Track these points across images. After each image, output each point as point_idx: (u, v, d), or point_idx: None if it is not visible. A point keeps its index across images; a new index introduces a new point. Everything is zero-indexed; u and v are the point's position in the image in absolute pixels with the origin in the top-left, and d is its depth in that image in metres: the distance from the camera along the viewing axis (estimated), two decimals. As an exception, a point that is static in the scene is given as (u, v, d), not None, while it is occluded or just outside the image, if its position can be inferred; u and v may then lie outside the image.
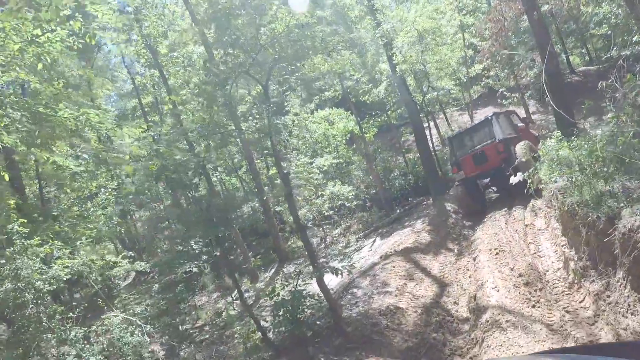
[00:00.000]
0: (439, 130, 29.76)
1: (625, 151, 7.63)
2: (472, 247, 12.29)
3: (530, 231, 11.83)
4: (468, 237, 13.63)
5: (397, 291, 10.13)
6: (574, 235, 9.18)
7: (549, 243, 10.95)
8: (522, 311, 7.77)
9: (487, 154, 14.65)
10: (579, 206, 8.50)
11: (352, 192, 20.46)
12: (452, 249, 13.09)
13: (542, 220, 12.31)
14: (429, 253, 12.60)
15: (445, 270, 11.57)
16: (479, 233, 12.84)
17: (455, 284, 10.75)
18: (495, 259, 10.34)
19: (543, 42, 13.77)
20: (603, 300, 7.45)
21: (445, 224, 15.07)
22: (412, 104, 20.13)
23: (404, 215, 18.63)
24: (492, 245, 11.09)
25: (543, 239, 11.22)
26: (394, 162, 27.50)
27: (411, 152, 28.64)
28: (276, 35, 10.42)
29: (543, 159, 13.19)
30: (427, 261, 12.06)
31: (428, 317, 9.16)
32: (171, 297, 16.96)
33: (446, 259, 12.30)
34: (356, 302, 10.10)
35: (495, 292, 8.63)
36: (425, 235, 13.92)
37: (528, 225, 12.29)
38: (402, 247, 13.09)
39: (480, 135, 15.11)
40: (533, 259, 10.07)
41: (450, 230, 14.60)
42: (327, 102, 28.13)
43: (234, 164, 25.48)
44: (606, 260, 7.78)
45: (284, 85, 10.84)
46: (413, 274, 11.20)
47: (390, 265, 11.67)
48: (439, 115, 31.56)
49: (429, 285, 10.69)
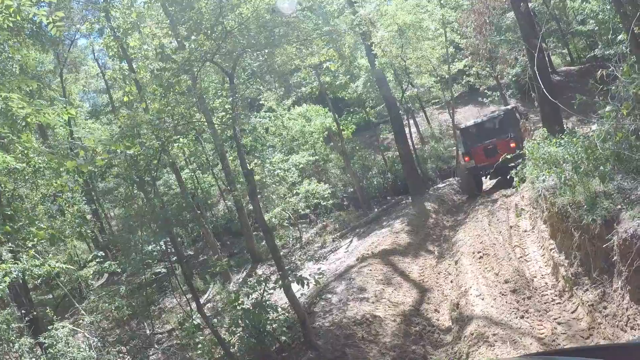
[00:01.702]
0: (418, 129, 29.23)
1: (624, 148, 6.99)
2: (453, 250, 11.61)
3: (515, 233, 11.21)
4: (449, 239, 12.95)
5: (374, 297, 9.37)
6: (564, 238, 8.54)
7: (535, 246, 10.32)
8: (510, 322, 7.06)
9: (498, 148, 15.13)
10: (572, 207, 7.84)
11: (329, 191, 19.71)
12: (432, 251, 12.41)
13: (528, 222, 11.70)
14: (408, 255, 11.88)
15: (425, 274, 10.86)
16: (460, 234, 12.17)
17: (436, 289, 10.05)
18: (478, 263, 9.66)
19: (529, 36, 13.16)
20: (599, 311, 6.79)
21: (425, 225, 14.41)
22: (391, 99, 19.43)
23: (382, 215, 17.93)
24: (475, 248, 10.41)
25: (529, 242, 10.60)
26: (373, 160, 26.90)
27: (390, 151, 28.06)
28: (244, 20, 9.56)
29: (528, 157, 12.63)
30: (406, 264, 11.33)
31: (407, 327, 8.41)
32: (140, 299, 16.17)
33: (426, 262, 11.60)
34: (330, 309, 9.31)
35: (480, 300, 7.92)
36: (404, 237, 13.20)
37: (513, 226, 11.66)
38: (380, 248, 12.34)
39: (493, 129, 15.91)
40: (519, 263, 9.41)
41: (430, 231, 13.94)
42: (304, 99, 27.37)
43: (209, 161, 24.51)
44: (601, 267, 7.12)
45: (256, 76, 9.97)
46: (391, 278, 10.46)
47: (367, 268, 10.90)
48: (419, 113, 31.10)
49: (408, 290, 9.96)
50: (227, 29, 9.37)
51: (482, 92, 29.80)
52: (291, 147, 25.39)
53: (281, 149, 25.33)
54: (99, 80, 33.92)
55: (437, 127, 29.95)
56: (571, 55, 31.35)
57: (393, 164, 24.13)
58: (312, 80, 23.16)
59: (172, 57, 7.53)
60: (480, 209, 14.08)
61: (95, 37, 26.07)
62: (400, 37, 19.25)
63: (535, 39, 13.11)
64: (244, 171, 7.52)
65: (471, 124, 17.02)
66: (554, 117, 13.42)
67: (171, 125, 7.71)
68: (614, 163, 7.57)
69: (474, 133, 16.43)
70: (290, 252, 18.43)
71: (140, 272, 19.27)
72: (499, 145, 15.30)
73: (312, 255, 16.41)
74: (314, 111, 24.65)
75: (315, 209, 21.29)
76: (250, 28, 9.73)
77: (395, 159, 23.72)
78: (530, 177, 11.97)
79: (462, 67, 25.16)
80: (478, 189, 17.10)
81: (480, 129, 16.28)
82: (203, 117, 8.58)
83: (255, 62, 10.58)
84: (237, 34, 9.54)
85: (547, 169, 9.80)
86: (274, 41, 9.89)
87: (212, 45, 9.24)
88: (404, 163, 19.68)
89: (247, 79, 8.85)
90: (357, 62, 22.06)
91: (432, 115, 31.97)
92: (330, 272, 12.39)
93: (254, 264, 17.85)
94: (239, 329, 6.93)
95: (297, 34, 10.10)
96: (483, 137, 16.01)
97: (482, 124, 16.42)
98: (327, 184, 21.79)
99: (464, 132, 16.88)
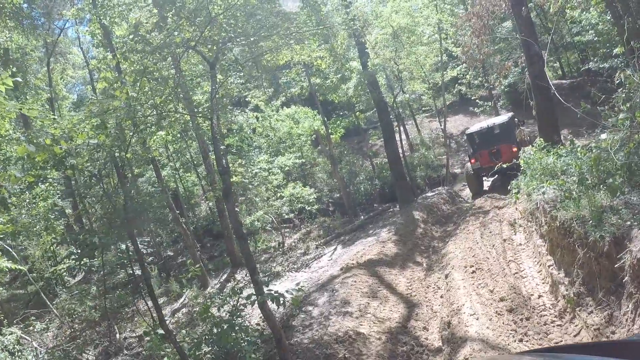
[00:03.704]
0: (408, 136, 28.74)
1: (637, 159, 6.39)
2: (443, 262, 10.95)
3: (510, 247, 10.57)
4: (438, 250, 12.30)
5: (359, 312, 8.66)
6: (565, 255, 7.92)
7: (531, 261, 9.70)
8: (508, 346, 6.40)
9: (502, 152, 16.52)
10: (577, 222, 7.22)
11: (314, 195, 19.03)
12: (421, 263, 11.74)
13: (522, 235, 11.10)
14: (395, 267, 11.19)
15: (413, 287, 10.17)
16: (451, 246, 11.52)
17: (425, 304, 9.36)
18: (471, 278, 9.01)
19: (529, 42, 12.60)
20: (605, 336, 6.15)
21: (413, 234, 13.75)
22: (382, 104, 18.83)
23: (369, 223, 17.28)
24: (467, 262, 9.76)
25: (524, 257, 9.96)
26: (361, 166, 26.34)
27: (379, 157, 27.54)
28: (230, 6, 8.85)
29: (524, 167, 12.06)
30: (392, 276, 10.64)
31: (394, 346, 7.70)
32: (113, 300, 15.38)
33: (414, 274, 10.91)
34: (310, 323, 8.57)
35: (475, 320, 7.25)
36: (391, 246, 12.52)
37: (506, 239, 11.03)
38: (366, 258, 11.65)
39: (497, 135, 17.10)
40: (515, 279, 8.76)
41: (419, 241, 13.28)
42: (294, 100, 26.73)
43: (193, 160, 23.72)
44: (608, 288, 6.50)
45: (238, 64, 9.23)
46: (377, 290, 9.75)
47: (351, 279, 10.19)
48: (409, 120, 30.66)
49: (394, 305, 9.26)
50: (211, 15, 8.67)
51: (473, 102, 29.52)
52: (278, 149, 24.74)
53: (267, 150, 24.66)
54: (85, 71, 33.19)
55: (427, 135, 29.54)
56: (562, 68, 31.10)
57: (381, 170, 23.57)
58: (302, 80, 22.48)
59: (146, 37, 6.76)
60: (471, 220, 13.46)
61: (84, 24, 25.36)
62: (394, 40, 18.68)
63: (536, 45, 12.60)
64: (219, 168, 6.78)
65: (477, 130, 18.06)
66: (552, 127, 12.90)
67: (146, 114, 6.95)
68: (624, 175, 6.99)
69: (479, 138, 17.76)
70: (272, 257, 17.73)
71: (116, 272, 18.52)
72: (503, 149, 16.60)
73: (294, 262, 15.68)
74: (303, 113, 24.02)
75: (300, 213, 20.62)
76: (236, 15, 9.03)
77: (384, 166, 23.18)
78: (526, 188, 11.41)
79: (456, 75, 24.73)
80: (481, 187, 18.42)
81: (485, 134, 17.56)
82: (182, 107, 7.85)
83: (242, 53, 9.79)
84: (223, 21, 8.82)
85: (547, 181, 9.22)
86: (262, 31, 9.21)
87: (194, 31, 8.54)
88: (393, 170, 19.07)
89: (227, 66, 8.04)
90: (349, 64, 21.43)
91: (421, 123, 31.64)
92: (313, 282, 11.67)
93: (234, 269, 17.16)
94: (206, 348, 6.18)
95: (287, 26, 9.40)
96: (488, 141, 17.29)
97: (486, 129, 17.57)
98: (313, 188, 21.16)
99: (470, 137, 18.09)
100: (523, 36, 12.71)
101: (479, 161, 17.50)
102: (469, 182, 18.66)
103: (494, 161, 16.39)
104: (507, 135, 16.96)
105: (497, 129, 17.28)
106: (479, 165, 17.53)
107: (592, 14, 15.77)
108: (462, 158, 27.01)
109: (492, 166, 16.42)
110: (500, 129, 17.22)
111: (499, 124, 17.38)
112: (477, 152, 17.68)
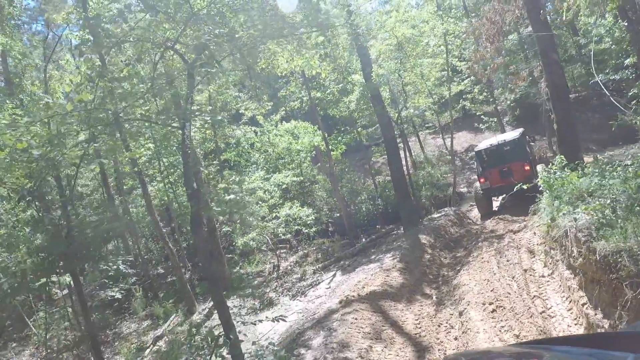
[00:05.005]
0: (411, 154, 27.64)
1: None
2: (455, 295, 9.65)
3: (532, 278, 9.27)
4: (449, 280, 10.99)
5: (360, 358, 7.33)
6: (604, 292, 6.64)
7: (559, 297, 8.39)
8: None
9: (513, 170, 15.74)
10: (621, 256, 5.97)
11: (312, 216, 17.77)
12: (430, 295, 10.41)
13: (543, 264, 9.83)
14: (401, 300, 9.88)
15: (423, 325, 8.84)
16: (464, 277, 10.22)
17: (437, 347, 8.02)
18: (491, 318, 7.71)
19: (547, 48, 11.45)
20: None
21: (420, 261, 12.45)
22: (386, 118, 17.66)
23: (371, 247, 16.01)
24: (485, 298, 8.46)
25: (550, 291, 8.66)
26: (362, 184, 25.14)
27: (381, 175, 26.39)
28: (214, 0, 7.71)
29: (543, 188, 10.85)
30: (398, 312, 9.32)
31: (401, 404, 6.38)
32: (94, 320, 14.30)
33: (423, 309, 9.58)
34: (302, 371, 7.26)
35: (501, 375, 5.92)
36: (396, 275, 11.21)
37: (527, 270, 9.73)
38: (368, 290, 10.32)
39: (508, 152, 16.23)
40: (543, 320, 7.46)
41: (427, 269, 11.97)
42: (293, 115, 25.71)
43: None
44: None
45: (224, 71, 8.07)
46: (381, 330, 8.43)
47: (351, 316, 8.86)
48: (411, 137, 29.65)
49: (401, 348, 7.93)
50: (193, 10, 7.52)
51: (477, 118, 28.54)
52: (276, 166, 23.64)
53: (264, 166, 23.55)
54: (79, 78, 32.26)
55: (431, 153, 28.49)
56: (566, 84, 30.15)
57: (384, 189, 22.38)
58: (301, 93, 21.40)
59: (107, 28, 5.58)
60: (484, 246, 12.18)
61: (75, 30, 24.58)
62: (398, 52, 17.63)
63: (555, 53, 11.45)
64: (187, 191, 5.54)
65: (486, 147, 17.08)
66: (572, 142, 11.70)
67: (105, 121, 5.74)
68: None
69: (488, 155, 16.84)
70: (266, 281, 16.46)
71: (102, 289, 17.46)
72: (514, 167, 15.79)
73: (289, 289, 14.38)
74: (303, 128, 22.95)
75: (297, 234, 19.39)
76: (222, 11, 7.88)
77: (387, 184, 22.03)
78: (549, 212, 10.18)
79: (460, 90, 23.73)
80: (491, 208, 17.49)
81: (494, 151, 16.67)
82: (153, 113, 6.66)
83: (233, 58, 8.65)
84: (206, 18, 7.67)
85: (579, 205, 7.97)
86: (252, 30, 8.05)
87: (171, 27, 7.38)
88: (397, 189, 17.83)
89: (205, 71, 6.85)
90: (351, 77, 20.36)
91: (424, 140, 30.83)
92: (308, 314, 10.37)
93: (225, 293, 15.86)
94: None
95: (281, 25, 8.24)
96: (498, 159, 16.46)
97: (496, 147, 16.71)
98: (312, 207, 19.95)
99: (479, 154, 17.14)
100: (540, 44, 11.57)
101: (489, 180, 16.63)
102: (477, 202, 17.70)
103: (504, 180, 15.92)
104: (518, 153, 16.12)
105: (507, 145, 16.43)
106: (489, 184, 16.66)
107: (608, 20, 14.71)
108: (468, 176, 25.88)
109: (503, 186, 16.12)
110: (510, 145, 16.35)
111: (510, 141, 16.48)
112: (486, 170, 16.76)
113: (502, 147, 16.59)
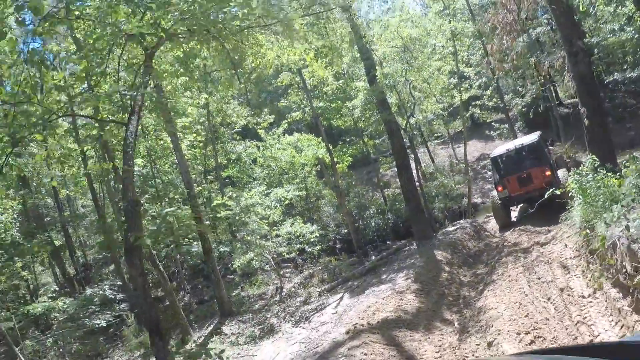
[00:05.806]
0: (420, 165, 26.45)
1: None
2: (481, 321, 8.25)
3: (571, 300, 7.86)
4: (472, 303, 9.59)
5: (370, 407, 5.96)
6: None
7: (606, 322, 6.99)
8: None
9: (533, 177, 14.82)
10: None
11: (316, 234, 16.42)
12: (451, 321, 9.01)
13: (581, 281, 8.43)
14: (418, 328, 8.48)
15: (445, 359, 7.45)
16: (490, 299, 8.82)
17: (463, 388, 6.64)
18: (530, 351, 6.30)
19: (571, 37, 10.16)
20: None
21: (437, 281, 11.07)
22: (393, 125, 16.40)
23: (381, 265, 14.65)
24: (519, 326, 7.07)
25: (595, 314, 7.25)
26: (371, 198, 23.87)
27: (390, 188, 25.13)
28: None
29: (574, 194, 9.53)
30: (415, 343, 7.92)
31: None
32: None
33: (444, 339, 8.17)
34: None
35: None
36: (410, 298, 9.83)
37: (563, 289, 8.33)
38: (379, 317, 8.94)
39: (526, 157, 15.36)
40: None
41: (445, 289, 10.59)
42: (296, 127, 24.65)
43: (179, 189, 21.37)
44: None
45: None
46: (396, 368, 7.05)
47: (360, 350, 7.47)
48: (419, 148, 28.54)
49: (421, 390, 6.54)
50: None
51: (487, 126, 27.48)
52: (280, 181, 22.46)
53: (267, 181, 22.38)
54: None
55: (441, 163, 27.34)
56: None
57: (394, 202, 21.09)
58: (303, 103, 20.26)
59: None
60: (509, 261, 10.79)
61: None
62: (404, 53, 16.47)
63: (580, 40, 10.14)
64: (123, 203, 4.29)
65: (502, 153, 16.06)
66: (604, 140, 10.37)
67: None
68: None
69: (505, 162, 15.83)
70: (268, 305, 15.13)
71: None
72: (534, 173, 14.81)
73: (292, 314, 13.05)
74: (306, 140, 21.77)
75: (302, 253, 18.10)
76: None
77: (397, 197, 20.75)
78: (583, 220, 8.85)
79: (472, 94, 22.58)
80: (509, 218, 16.43)
81: (512, 157, 15.71)
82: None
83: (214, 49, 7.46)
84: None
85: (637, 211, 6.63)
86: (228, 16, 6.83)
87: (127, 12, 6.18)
88: (408, 201, 16.50)
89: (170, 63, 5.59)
90: (355, 84, 19.19)
91: (433, 152, 29.86)
92: (310, 347, 9.00)
93: (222, 319, 14.85)
94: None
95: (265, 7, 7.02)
96: (516, 165, 15.43)
97: (514, 152, 15.72)
98: (318, 223, 18.71)
99: (495, 161, 16.16)
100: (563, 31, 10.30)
101: (507, 188, 15.44)
102: (495, 213, 16.45)
103: (524, 188, 14.98)
104: (537, 157, 15.15)
105: (525, 150, 15.40)
106: (508, 193, 15.44)
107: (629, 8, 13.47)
108: (481, 186, 24.68)
109: (522, 194, 15.15)
110: (529, 150, 15.36)
111: (528, 145, 15.45)
112: (504, 178, 15.64)
113: (519, 152, 15.54)
